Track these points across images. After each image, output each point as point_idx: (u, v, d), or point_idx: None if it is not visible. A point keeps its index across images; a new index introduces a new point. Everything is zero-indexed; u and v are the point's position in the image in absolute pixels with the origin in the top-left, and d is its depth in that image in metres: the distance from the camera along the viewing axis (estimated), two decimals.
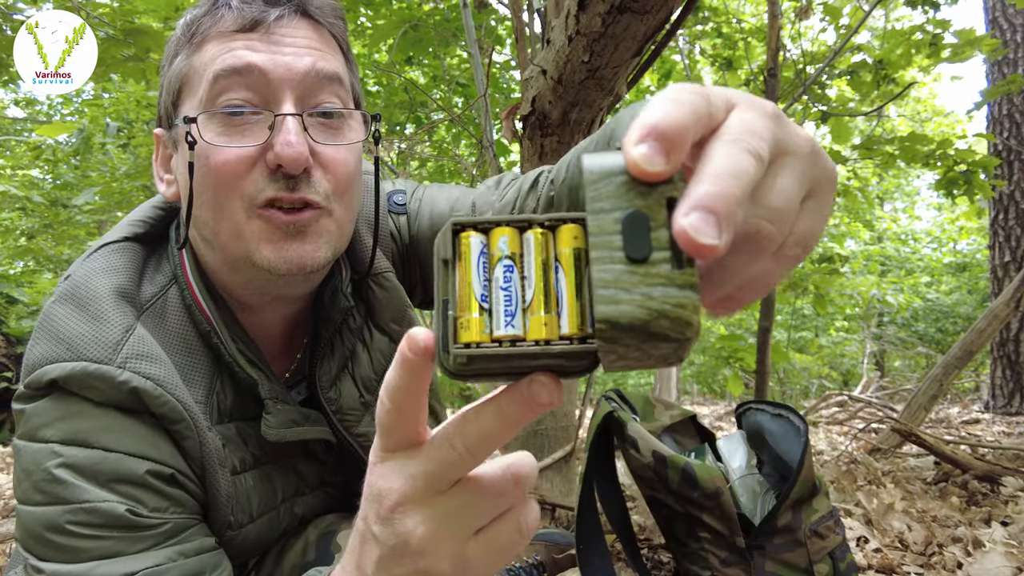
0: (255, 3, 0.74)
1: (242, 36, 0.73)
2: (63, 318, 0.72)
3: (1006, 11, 5.17)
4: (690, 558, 1.23)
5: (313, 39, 0.77)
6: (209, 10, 0.76)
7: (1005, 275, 4.96)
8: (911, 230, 14.01)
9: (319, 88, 0.75)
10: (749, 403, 1.49)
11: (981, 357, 6.41)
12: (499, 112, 2.16)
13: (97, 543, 0.65)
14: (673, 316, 0.30)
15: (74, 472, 0.66)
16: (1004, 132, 5.06)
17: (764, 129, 0.32)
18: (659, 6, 1.35)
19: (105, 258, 0.79)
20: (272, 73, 0.72)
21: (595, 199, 0.32)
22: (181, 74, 0.76)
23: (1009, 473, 2.05)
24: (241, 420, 0.83)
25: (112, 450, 0.68)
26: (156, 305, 0.80)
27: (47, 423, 0.69)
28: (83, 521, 0.65)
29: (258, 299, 0.83)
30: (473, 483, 0.40)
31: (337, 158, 0.76)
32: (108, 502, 0.66)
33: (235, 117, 0.72)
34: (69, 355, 0.69)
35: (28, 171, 6.78)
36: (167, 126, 0.81)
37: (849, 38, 3.06)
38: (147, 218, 0.87)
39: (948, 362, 2.94)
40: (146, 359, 0.71)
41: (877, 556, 1.51)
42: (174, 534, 0.70)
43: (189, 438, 0.73)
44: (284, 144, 0.71)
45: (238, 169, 0.72)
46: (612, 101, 1.75)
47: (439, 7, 3.36)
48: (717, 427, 5.15)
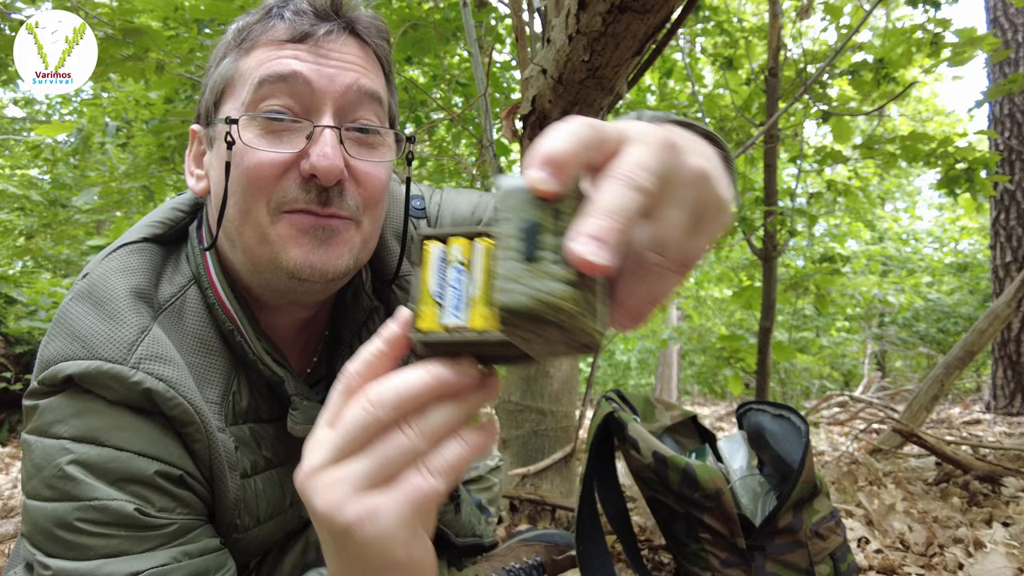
0: (306, 16, 0.77)
1: (291, 46, 0.76)
2: (80, 316, 0.73)
3: (1007, 11, 5.17)
4: (690, 559, 1.23)
5: (358, 57, 0.79)
6: (262, 18, 0.79)
7: (1006, 275, 4.95)
8: (912, 230, 14.00)
9: (359, 104, 0.78)
10: (750, 403, 1.49)
11: (982, 357, 6.40)
12: (499, 111, 2.16)
13: (104, 541, 0.66)
14: (550, 303, 0.35)
15: (85, 470, 0.67)
16: (1005, 132, 5.06)
17: (653, 163, 0.36)
18: (660, 5, 1.35)
19: (123, 258, 0.80)
20: (316, 84, 0.75)
21: (503, 211, 0.38)
22: (227, 75, 0.79)
23: (1010, 474, 2.05)
24: (256, 422, 0.83)
25: (123, 449, 0.68)
26: (174, 306, 0.81)
27: (60, 419, 0.69)
28: (92, 519, 0.66)
29: (276, 301, 0.84)
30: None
31: (370, 173, 0.79)
32: (118, 501, 0.66)
33: (275, 122, 0.74)
34: (84, 353, 0.70)
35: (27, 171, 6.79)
36: (205, 123, 0.83)
37: (850, 37, 3.05)
38: (166, 219, 0.88)
39: (949, 362, 2.94)
40: (160, 360, 0.72)
41: (878, 557, 1.50)
42: (180, 535, 0.70)
43: (199, 441, 0.73)
44: (321, 155, 0.73)
45: (271, 172, 0.74)
46: (612, 100, 1.75)
47: (439, 6, 3.36)
48: (718, 428, 5.15)
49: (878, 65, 3.39)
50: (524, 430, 2.05)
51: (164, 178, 3.89)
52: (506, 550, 1.48)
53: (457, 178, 4.39)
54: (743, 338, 4.71)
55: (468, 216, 1.02)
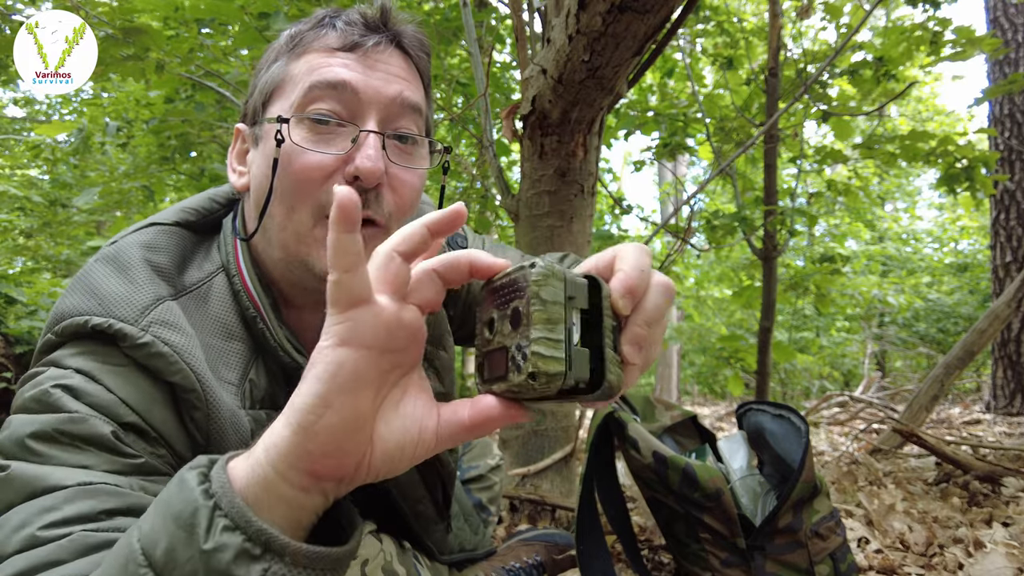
0: (357, 27, 0.82)
1: (341, 54, 0.81)
2: (100, 276, 0.77)
3: (1007, 10, 5.17)
4: (690, 559, 1.23)
5: (403, 69, 0.84)
6: (314, 26, 0.83)
7: (1006, 275, 4.95)
8: (912, 230, 13.99)
9: (402, 114, 0.82)
10: (750, 403, 1.49)
11: (982, 357, 6.40)
12: (499, 111, 2.16)
13: (71, 454, 0.67)
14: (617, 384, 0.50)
15: (71, 393, 0.69)
16: (1006, 132, 5.06)
17: (664, 308, 0.54)
18: (660, 5, 1.35)
19: (152, 235, 0.84)
20: (363, 92, 0.79)
21: (553, 290, 0.49)
22: (277, 78, 0.83)
23: (1010, 474, 2.05)
24: (272, 408, 0.85)
25: (112, 391, 0.71)
26: (200, 290, 0.84)
27: (71, 354, 0.73)
28: (67, 431, 0.67)
29: (302, 300, 0.87)
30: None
31: (407, 180, 0.83)
32: (94, 419, 0.68)
33: (322, 125, 0.79)
34: (100, 311, 0.73)
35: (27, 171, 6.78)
36: (251, 123, 0.87)
37: (850, 37, 3.05)
38: (201, 207, 0.92)
39: (949, 362, 2.94)
40: (169, 327, 0.75)
41: (878, 557, 1.50)
42: (146, 472, 0.71)
43: (198, 409, 0.75)
44: (365, 157, 0.77)
45: (318, 175, 0.78)
46: (612, 100, 1.75)
47: (439, 6, 3.36)
48: (718, 428, 5.15)
49: (878, 63, 3.39)
50: (524, 430, 2.05)
51: (164, 178, 3.89)
52: (506, 550, 1.48)
53: (457, 177, 4.39)
54: (743, 338, 4.72)
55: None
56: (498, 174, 2.23)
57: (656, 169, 11.86)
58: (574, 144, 1.83)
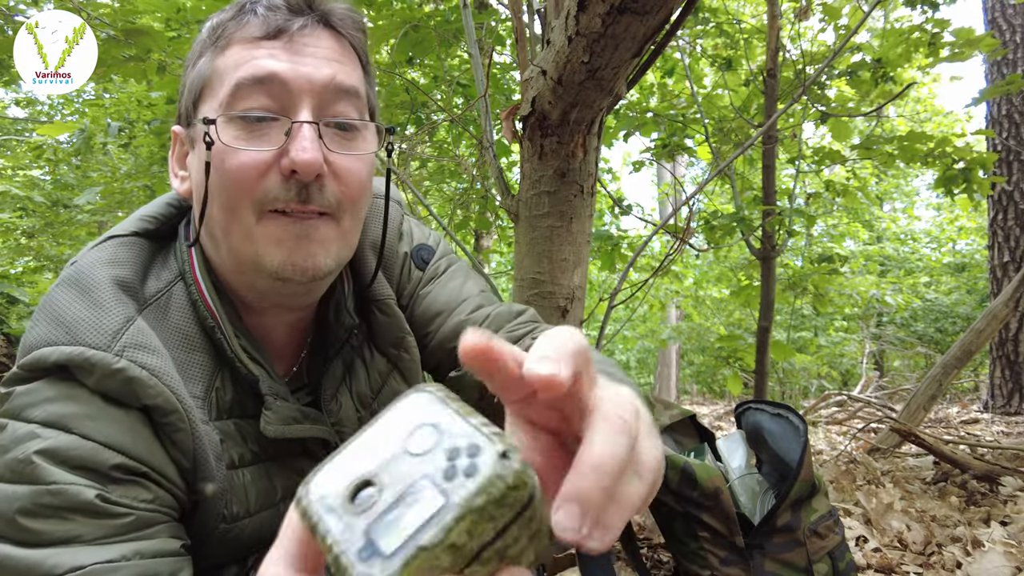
0: (280, 11, 0.76)
1: (266, 43, 0.75)
2: (65, 303, 0.73)
3: (1005, 12, 5.18)
4: (689, 557, 1.24)
5: (334, 50, 0.78)
6: (235, 15, 0.77)
7: (1004, 275, 4.97)
8: (910, 230, 14.01)
9: (337, 99, 0.77)
10: (748, 403, 1.49)
11: (980, 357, 6.42)
12: (499, 113, 2.17)
13: (57, 526, 0.65)
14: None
15: (47, 457, 0.66)
16: (1003, 132, 5.07)
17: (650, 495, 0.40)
18: (659, 6, 1.35)
19: (112, 250, 0.80)
20: (292, 83, 0.74)
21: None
22: (203, 76, 0.78)
23: (1008, 473, 2.06)
24: (240, 418, 0.83)
25: (89, 438, 0.68)
26: (160, 301, 0.80)
27: (34, 403, 0.69)
28: (48, 503, 0.65)
29: (260, 302, 0.84)
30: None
31: (350, 168, 0.78)
32: (75, 486, 0.66)
33: (253, 122, 0.74)
34: (68, 339, 0.70)
35: (29, 171, 6.78)
36: (186, 124, 0.82)
37: (849, 38, 3.06)
38: (158, 214, 0.88)
39: (947, 362, 2.95)
40: (144, 349, 0.72)
41: (876, 555, 1.51)
42: (138, 527, 0.69)
43: (182, 430, 0.73)
44: (299, 150, 0.72)
45: (253, 173, 0.74)
46: (612, 101, 1.76)
47: (440, 8, 3.37)
48: (716, 427, 5.16)
49: (876, 65, 3.40)
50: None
51: (166, 178, 3.90)
52: None
53: (457, 178, 4.40)
54: (742, 338, 4.73)
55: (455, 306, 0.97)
56: (498, 175, 2.24)
57: (655, 170, 11.87)
58: (574, 145, 1.84)
